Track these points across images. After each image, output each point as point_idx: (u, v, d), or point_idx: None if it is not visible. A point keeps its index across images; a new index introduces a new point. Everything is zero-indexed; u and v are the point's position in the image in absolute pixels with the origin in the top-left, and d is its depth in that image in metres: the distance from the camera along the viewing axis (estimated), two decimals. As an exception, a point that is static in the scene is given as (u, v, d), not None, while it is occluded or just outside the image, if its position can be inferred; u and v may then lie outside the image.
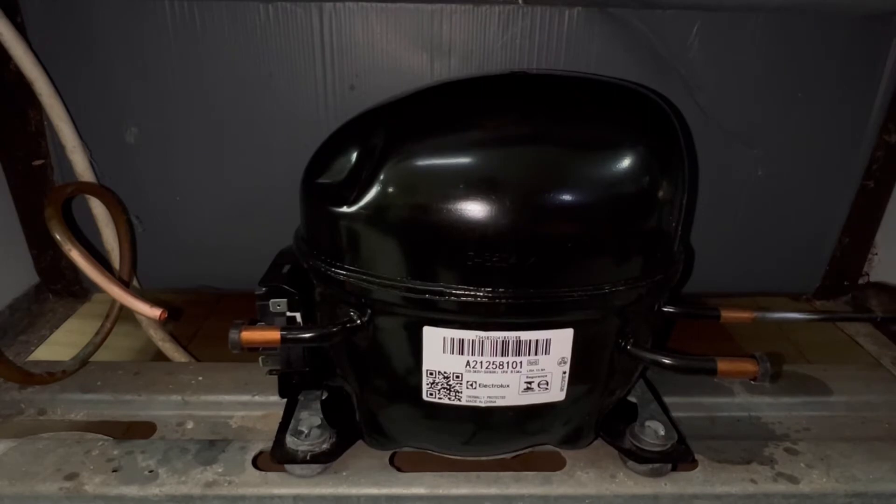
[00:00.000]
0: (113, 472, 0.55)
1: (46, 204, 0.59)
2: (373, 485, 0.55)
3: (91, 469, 0.56)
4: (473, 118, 0.49)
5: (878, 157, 0.85)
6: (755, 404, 0.69)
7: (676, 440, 0.57)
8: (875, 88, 0.80)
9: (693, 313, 0.65)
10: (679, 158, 0.51)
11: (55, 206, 0.59)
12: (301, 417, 0.59)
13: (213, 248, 0.85)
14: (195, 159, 0.80)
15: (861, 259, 0.95)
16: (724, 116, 0.79)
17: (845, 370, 0.76)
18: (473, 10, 0.73)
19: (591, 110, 0.50)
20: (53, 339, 0.84)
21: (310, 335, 0.51)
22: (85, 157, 0.76)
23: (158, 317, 0.53)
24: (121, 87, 0.76)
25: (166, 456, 0.57)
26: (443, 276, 0.47)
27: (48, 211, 0.59)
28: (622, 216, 0.48)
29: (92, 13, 0.73)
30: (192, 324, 0.97)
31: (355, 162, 0.49)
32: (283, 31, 0.74)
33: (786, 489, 0.56)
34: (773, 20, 0.75)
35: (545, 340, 0.49)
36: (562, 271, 0.47)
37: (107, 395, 0.68)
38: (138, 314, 0.66)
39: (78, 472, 0.55)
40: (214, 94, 0.77)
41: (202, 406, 0.67)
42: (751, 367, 0.49)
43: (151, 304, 0.54)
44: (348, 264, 0.50)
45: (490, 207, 0.44)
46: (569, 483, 0.56)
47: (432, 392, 0.51)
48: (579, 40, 0.75)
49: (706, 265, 0.83)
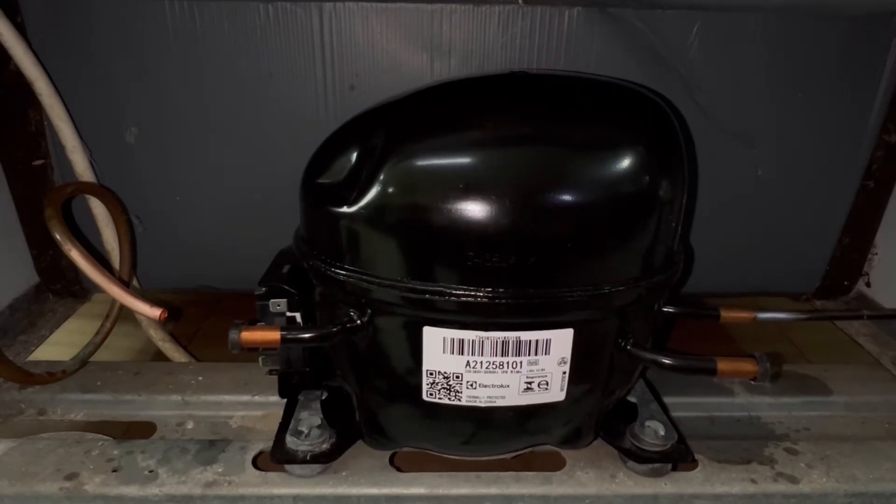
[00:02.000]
0: (113, 472, 0.55)
1: (46, 204, 0.59)
2: (373, 485, 0.55)
3: (91, 469, 0.56)
4: (473, 118, 0.49)
5: (878, 157, 0.85)
6: (755, 404, 0.69)
7: (676, 440, 0.57)
8: (875, 88, 0.80)
9: (693, 313, 0.65)
10: (678, 158, 0.51)
11: (55, 206, 0.59)
12: (301, 417, 0.59)
13: (213, 248, 0.85)
14: (195, 159, 0.80)
15: (861, 259, 0.95)
16: (724, 116, 0.79)
17: (845, 370, 0.75)
18: (473, 10, 0.73)
19: (591, 110, 0.50)
20: (53, 339, 0.84)
21: (309, 335, 0.51)
22: (85, 157, 0.76)
23: (158, 317, 0.53)
24: (121, 87, 0.76)
25: (166, 456, 0.57)
26: (443, 276, 0.47)
27: (48, 211, 0.59)
28: (622, 216, 0.47)
29: (92, 13, 0.73)
30: (192, 324, 0.97)
31: (355, 162, 0.49)
32: (283, 31, 0.74)
33: (786, 489, 0.56)
34: (773, 20, 0.75)
35: (545, 340, 0.49)
36: (562, 271, 0.47)
37: (107, 395, 0.68)
38: (138, 314, 0.66)
39: (78, 472, 0.55)
40: (214, 94, 0.77)
41: (202, 406, 0.67)
42: (750, 367, 0.49)
43: (151, 303, 0.54)
44: (348, 264, 0.50)
45: (490, 207, 0.44)
46: (569, 483, 0.56)
47: (432, 392, 0.51)
48: (579, 40, 0.75)
49: (706, 265, 0.83)
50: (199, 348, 0.88)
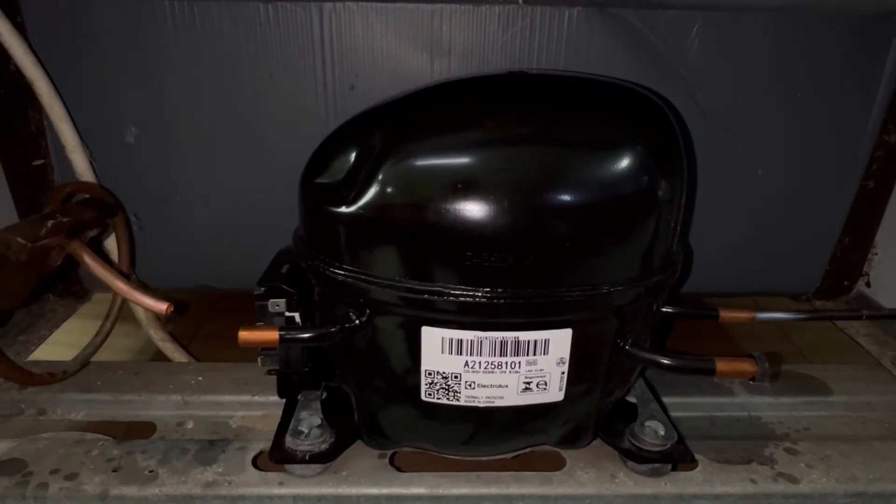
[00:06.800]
0: (113, 472, 0.55)
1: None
2: (373, 485, 0.55)
3: (91, 469, 0.56)
4: (472, 118, 0.49)
5: (878, 157, 0.85)
6: (755, 404, 0.69)
7: (676, 440, 0.57)
8: (875, 88, 0.80)
9: (692, 313, 0.65)
10: (677, 158, 0.51)
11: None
12: (301, 417, 0.59)
13: (213, 248, 0.85)
14: (195, 159, 0.80)
15: (861, 259, 0.95)
16: (724, 116, 0.79)
17: (845, 370, 0.75)
18: (473, 10, 0.73)
19: (590, 110, 0.50)
20: (53, 338, 0.84)
21: (308, 335, 0.51)
22: (85, 157, 0.76)
23: (165, 311, 0.53)
24: (121, 87, 0.76)
25: (166, 456, 0.57)
26: (441, 276, 0.47)
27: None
28: (620, 216, 0.47)
29: (92, 13, 0.73)
30: (192, 324, 0.97)
31: (354, 162, 0.49)
32: (283, 31, 0.74)
33: (786, 489, 0.56)
34: (773, 20, 0.75)
35: (544, 340, 0.49)
36: (560, 271, 0.47)
37: (107, 395, 0.68)
38: (145, 309, 0.66)
39: (78, 472, 0.55)
40: (214, 95, 0.77)
41: (202, 406, 0.67)
42: (749, 368, 0.49)
43: (157, 297, 0.54)
44: (347, 264, 0.50)
45: (488, 207, 0.44)
46: (569, 483, 0.56)
47: (431, 392, 0.51)
48: (579, 40, 0.75)
49: (706, 265, 0.83)
50: (199, 348, 0.88)
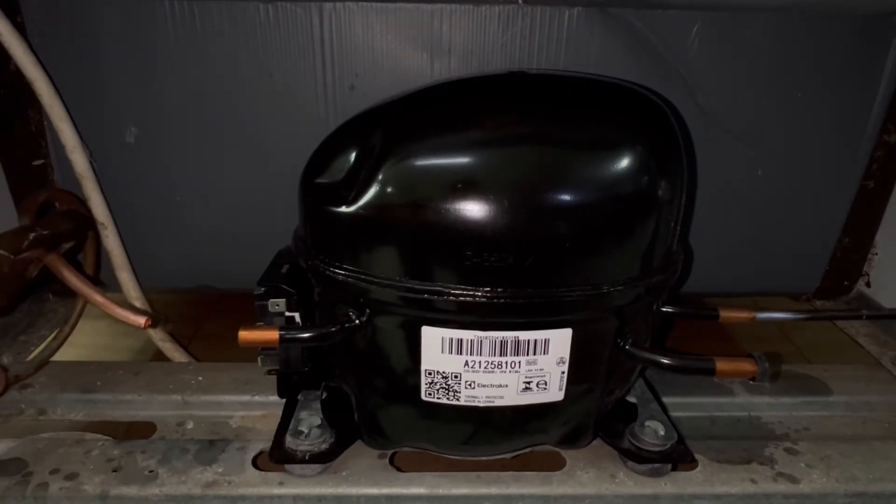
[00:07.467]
0: (113, 472, 0.55)
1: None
2: (373, 485, 0.55)
3: (91, 469, 0.56)
4: (472, 118, 0.49)
5: (878, 157, 0.85)
6: (755, 404, 0.69)
7: (676, 440, 0.57)
8: (875, 88, 0.79)
9: (692, 313, 0.65)
10: (677, 158, 0.51)
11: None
12: (301, 417, 0.59)
13: (213, 248, 0.85)
14: (195, 159, 0.80)
15: (861, 259, 0.94)
16: (724, 116, 0.79)
17: (845, 370, 0.75)
18: (473, 10, 0.73)
19: (590, 110, 0.50)
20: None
21: (308, 335, 0.51)
22: (85, 158, 0.76)
23: (143, 325, 0.54)
24: (121, 87, 0.76)
25: (166, 456, 0.57)
26: (441, 275, 0.47)
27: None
28: (620, 216, 0.48)
29: (92, 13, 0.73)
30: (192, 324, 0.97)
31: (354, 162, 0.49)
32: (283, 31, 0.74)
33: (786, 489, 0.56)
34: (773, 20, 0.75)
35: (544, 340, 0.49)
36: (560, 271, 0.47)
37: (107, 395, 0.68)
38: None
39: (78, 472, 0.55)
40: (214, 95, 0.77)
41: (202, 406, 0.67)
42: (749, 367, 0.49)
43: (135, 311, 0.55)
44: (347, 264, 0.50)
45: (488, 207, 0.44)
46: (569, 483, 0.56)
47: (431, 392, 0.51)
48: (579, 40, 0.75)
49: (706, 265, 0.83)
50: (199, 348, 0.88)
